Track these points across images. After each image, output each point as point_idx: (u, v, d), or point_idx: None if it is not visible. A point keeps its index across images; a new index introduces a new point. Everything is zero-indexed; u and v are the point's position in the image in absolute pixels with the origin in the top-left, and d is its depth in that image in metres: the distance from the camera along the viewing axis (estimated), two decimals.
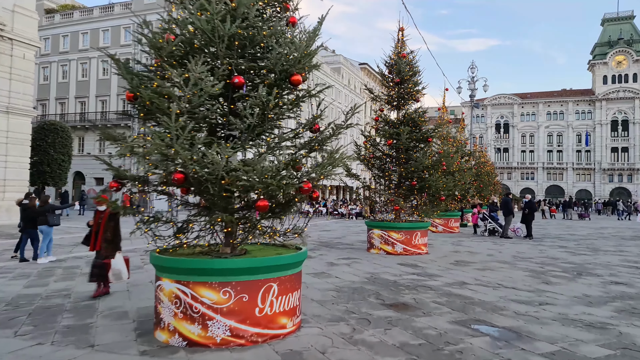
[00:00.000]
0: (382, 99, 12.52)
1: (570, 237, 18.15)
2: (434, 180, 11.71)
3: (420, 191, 11.94)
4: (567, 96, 79.07)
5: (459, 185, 18.52)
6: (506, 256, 11.78)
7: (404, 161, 11.99)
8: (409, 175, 11.81)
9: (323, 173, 4.54)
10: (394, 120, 12.21)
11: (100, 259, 6.28)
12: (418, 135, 11.94)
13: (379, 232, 11.92)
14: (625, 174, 74.16)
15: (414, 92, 12.21)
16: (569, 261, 11.00)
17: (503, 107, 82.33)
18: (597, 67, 76.22)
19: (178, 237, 4.66)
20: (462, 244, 14.74)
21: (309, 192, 4.40)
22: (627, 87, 73.69)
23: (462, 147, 22.57)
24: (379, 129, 12.28)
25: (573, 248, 13.95)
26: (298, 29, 4.87)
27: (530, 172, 79.72)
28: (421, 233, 11.87)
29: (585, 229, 23.27)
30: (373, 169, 12.59)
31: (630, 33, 74.70)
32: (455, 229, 19.59)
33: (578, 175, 77.56)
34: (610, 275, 9.03)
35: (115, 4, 40.75)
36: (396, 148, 12.09)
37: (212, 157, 3.81)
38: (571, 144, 77.57)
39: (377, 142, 12.53)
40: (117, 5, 40.38)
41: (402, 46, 12.34)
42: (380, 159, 12.50)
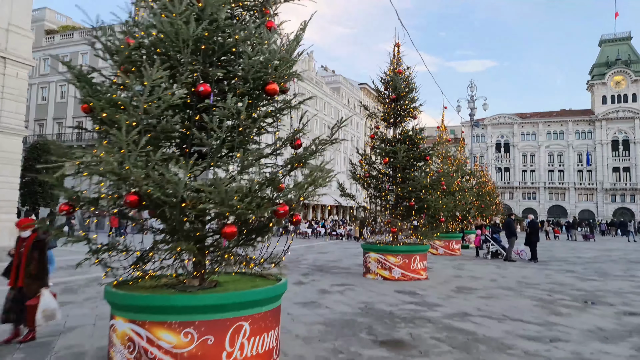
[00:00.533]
0: (378, 116, 12.05)
1: (577, 260, 17.44)
2: (432, 200, 11.13)
3: (418, 212, 11.35)
4: (566, 116, 79.05)
5: (460, 206, 17.93)
6: (511, 282, 11.10)
7: (401, 180, 11.44)
8: (406, 195, 11.25)
9: (302, 194, 3.99)
10: (390, 138, 11.70)
11: (20, 297, 5.27)
12: (415, 154, 11.42)
13: (375, 256, 11.27)
14: (628, 194, 73.43)
15: (411, 109, 11.74)
16: (578, 287, 10.32)
17: (503, 127, 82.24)
18: (595, 87, 76.39)
19: (138, 267, 4.07)
20: (464, 268, 14.06)
21: (286, 215, 3.84)
22: (627, 107, 73.66)
23: (463, 166, 22.06)
24: (375, 146, 11.77)
25: (581, 272, 13.26)
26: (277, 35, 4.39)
27: (532, 192, 79.04)
28: (420, 257, 11.23)
29: (591, 250, 22.53)
30: (369, 189, 12.03)
31: (628, 54, 75.12)
32: (457, 251, 18.90)
33: (580, 195, 76.84)
34: (623, 305, 8.36)
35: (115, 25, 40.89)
36: (393, 167, 11.55)
37: (170, 176, 3.25)
38: (572, 163, 77.13)
39: (373, 161, 12.00)
40: (117, 26, 40.51)
41: (398, 62, 11.95)
42: (377, 178, 11.95)
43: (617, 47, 75.73)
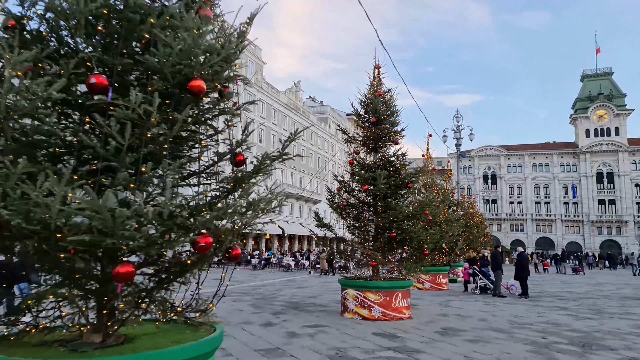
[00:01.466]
0: (357, 141, 11.32)
1: (569, 295, 16.56)
2: (416, 231, 10.27)
3: (400, 244, 10.46)
4: (551, 149, 79.97)
5: (447, 237, 17.10)
6: (501, 321, 10.14)
7: (381, 210, 10.59)
8: (387, 225, 10.38)
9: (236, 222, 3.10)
10: (370, 164, 10.93)
11: None
12: (397, 180, 10.62)
13: (353, 293, 10.27)
14: (614, 227, 73.56)
15: (392, 133, 11.03)
16: (573, 328, 9.40)
17: (490, 159, 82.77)
18: (579, 120, 77.74)
19: (12, 320, 3.08)
20: (450, 305, 13.07)
21: (208, 249, 2.94)
22: (610, 140, 74.83)
23: (449, 196, 21.37)
24: (354, 173, 10.96)
25: (574, 310, 12.36)
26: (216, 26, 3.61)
27: (520, 224, 78.81)
28: (402, 294, 10.25)
29: (582, 285, 21.70)
30: (348, 218, 11.15)
31: (610, 88, 76.98)
32: (444, 285, 17.91)
33: (567, 227, 76.81)
34: (625, 349, 7.46)
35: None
36: (373, 194, 10.73)
37: (37, 196, 2.35)
38: (558, 195, 77.42)
39: (352, 188, 11.18)
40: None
41: (378, 84, 11.33)
42: (356, 207, 11.10)
43: (599, 82, 77.63)
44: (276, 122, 48.41)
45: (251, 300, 13.30)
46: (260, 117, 45.17)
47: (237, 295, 14.79)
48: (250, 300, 13.45)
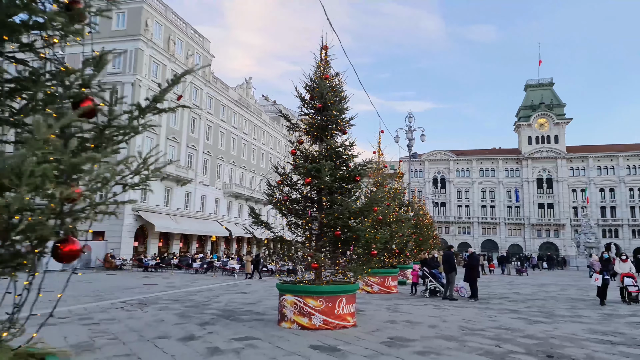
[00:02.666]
0: (300, 129, 10.17)
1: (517, 296, 16.25)
2: (363, 229, 9.25)
3: (346, 243, 9.40)
4: (496, 154, 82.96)
5: (397, 238, 16.33)
6: (452, 327, 9.32)
7: (326, 205, 9.49)
8: (332, 223, 9.28)
9: None
10: (314, 155, 9.81)
11: None
12: (343, 173, 9.57)
13: (292, 299, 9.08)
14: (552, 230, 77.25)
15: (340, 121, 9.98)
16: (528, 334, 8.72)
17: (439, 163, 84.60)
18: (522, 128, 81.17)
19: None
20: (399, 309, 12.19)
21: None
22: (550, 148, 78.63)
23: (400, 196, 20.73)
24: (297, 165, 9.79)
25: (525, 312, 11.84)
26: None
27: (467, 227, 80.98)
28: (347, 299, 9.18)
29: (528, 286, 21.75)
30: (289, 216, 9.95)
31: (551, 98, 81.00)
32: (393, 288, 17.12)
33: (510, 230, 79.80)
34: (587, 358, 6.76)
35: None
36: (317, 189, 9.61)
37: None
38: (502, 199, 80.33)
39: (294, 182, 10.00)
40: None
41: (325, 67, 10.24)
42: (298, 202, 9.93)
43: (541, 92, 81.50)
44: (225, 118, 46.44)
45: (180, 309, 11.78)
46: (208, 112, 43.09)
47: (166, 302, 13.20)
48: (179, 308, 11.93)
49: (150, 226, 33.28)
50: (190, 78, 39.41)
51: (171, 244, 37.75)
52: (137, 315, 10.72)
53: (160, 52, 36.04)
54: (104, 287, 17.90)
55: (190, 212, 39.73)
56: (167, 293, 16.23)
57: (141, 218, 32.79)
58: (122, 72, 33.67)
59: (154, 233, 34.50)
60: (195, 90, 41.45)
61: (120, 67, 33.95)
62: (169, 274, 27.70)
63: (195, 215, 39.92)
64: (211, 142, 43.56)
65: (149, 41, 34.40)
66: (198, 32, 42.03)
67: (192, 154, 40.69)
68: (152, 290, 17.32)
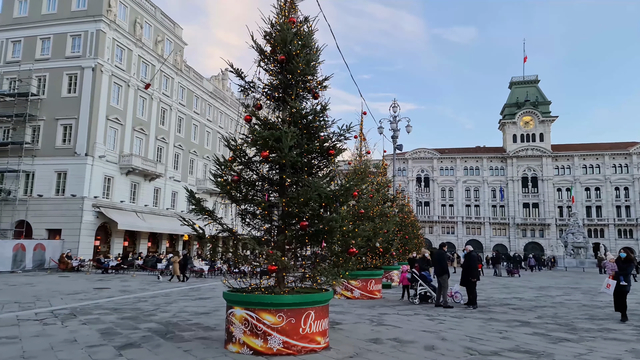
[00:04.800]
0: (257, 90, 7.74)
1: (520, 303, 14.09)
2: (337, 220, 6.87)
3: (315, 238, 7.01)
4: (481, 153, 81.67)
5: (381, 234, 14.02)
6: (456, 349, 7.03)
7: (291, 187, 7.09)
8: (296, 210, 6.87)
9: None
10: (274, 121, 7.39)
11: None
12: (313, 145, 7.18)
13: (242, 313, 6.65)
14: (537, 229, 76.22)
15: (308, 78, 7.58)
16: (557, 359, 6.47)
17: (423, 162, 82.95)
18: (507, 126, 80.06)
19: None
20: (385, 321, 9.86)
21: None
22: (535, 146, 77.65)
23: (384, 189, 18.45)
24: (252, 135, 7.34)
25: (540, 325, 9.63)
26: None
27: (451, 226, 79.46)
28: (317, 312, 6.80)
29: (526, 289, 19.70)
30: (241, 202, 7.51)
31: (536, 95, 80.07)
32: (377, 293, 14.78)
33: (495, 229, 78.53)
34: None
35: None
36: (278, 165, 7.19)
37: None
38: (487, 198, 79.05)
39: (248, 158, 7.57)
40: None
41: (290, 8, 7.83)
42: (253, 184, 7.51)
43: (526, 89, 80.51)
44: (199, 110, 43.59)
45: (110, 323, 9.30)
46: (180, 103, 40.22)
47: (101, 313, 10.70)
48: (110, 321, 9.44)
49: (113, 224, 30.35)
50: (159, 65, 36.54)
51: (138, 243, 34.81)
52: (49, 332, 8.27)
53: (125, 36, 33.11)
54: (43, 292, 15.31)
55: (160, 209, 36.84)
56: (114, 299, 13.69)
57: (103, 215, 29.85)
58: (81, 56, 30.68)
59: (117, 231, 31.55)
60: (165, 80, 38.57)
61: (79, 50, 30.94)
62: (130, 276, 24.92)
63: (165, 212, 37.03)
64: (183, 135, 40.69)
65: (112, 22, 31.47)
66: (169, 17, 39.13)
67: (162, 147, 37.78)
68: (99, 295, 14.77)
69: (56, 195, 29.52)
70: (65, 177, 29.58)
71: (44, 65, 31.23)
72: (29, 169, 29.81)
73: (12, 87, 31.32)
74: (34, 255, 26.10)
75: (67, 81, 30.82)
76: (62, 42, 31.30)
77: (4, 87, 31.46)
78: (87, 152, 29.41)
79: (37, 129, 30.74)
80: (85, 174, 29.15)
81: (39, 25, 31.95)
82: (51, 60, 31.29)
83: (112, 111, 31.59)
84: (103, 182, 30.84)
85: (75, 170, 29.24)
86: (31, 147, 30.13)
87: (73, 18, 31.32)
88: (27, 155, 29.83)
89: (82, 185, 28.96)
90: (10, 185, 29.52)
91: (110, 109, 31.49)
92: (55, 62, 31.13)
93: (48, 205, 29.09)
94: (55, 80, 30.89)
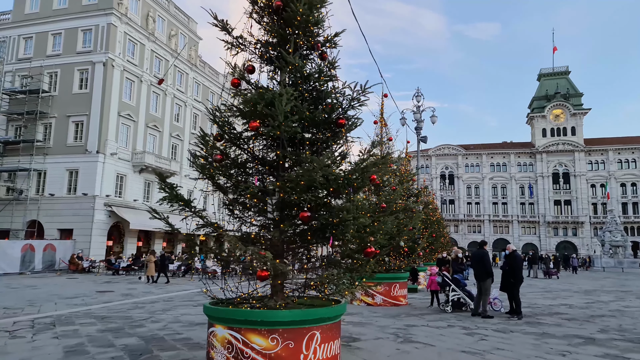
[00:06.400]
0: (248, 47, 6.10)
1: (571, 311, 12.05)
2: (351, 210, 5.17)
3: (320, 234, 5.32)
4: (508, 148, 78.35)
5: (405, 231, 12.23)
6: None
7: (288, 167, 5.43)
8: (294, 198, 5.20)
9: None
10: (266, 87, 5.74)
11: None
12: (318, 114, 5.49)
13: (224, 334, 5.03)
14: (570, 228, 72.50)
15: (313, 32, 5.90)
16: None
17: (447, 158, 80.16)
18: (535, 120, 76.50)
19: None
20: (413, 337, 8.09)
21: None
22: (566, 140, 73.93)
23: (409, 181, 16.61)
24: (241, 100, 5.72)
25: (607, 342, 7.69)
26: None
27: (477, 225, 76.47)
28: (324, 333, 5.11)
29: (571, 293, 17.53)
30: (229, 189, 5.90)
31: (567, 87, 76.22)
32: (402, 299, 12.96)
33: (523, 228, 75.17)
34: None
35: None
36: (271, 139, 5.54)
37: None
38: (515, 196, 75.73)
39: (236, 133, 5.95)
40: None
41: None
42: (243, 165, 5.88)
43: (556, 81, 76.73)
44: None
45: (88, 334, 7.95)
46: (195, 99, 39.13)
47: (87, 321, 9.47)
48: (89, 333, 8.09)
49: (126, 223, 29.38)
50: (173, 59, 35.50)
51: (153, 243, 33.80)
52: (7, 349, 6.91)
53: (138, 30, 32.13)
54: (41, 296, 14.23)
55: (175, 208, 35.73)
56: (109, 305, 12.41)
57: (115, 214, 28.88)
58: (92, 51, 29.81)
59: (130, 231, 30.59)
60: (180, 75, 37.54)
61: (90, 45, 30.09)
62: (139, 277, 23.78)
63: None
64: (199, 132, 39.58)
65: (124, 16, 30.51)
66: (183, 10, 38.10)
67: (177, 145, 36.73)
68: (97, 300, 13.61)
69: (68, 194, 28.70)
70: (77, 176, 28.75)
71: (55, 62, 30.53)
72: (40, 167, 29.12)
73: (23, 84, 30.72)
74: (43, 256, 25.26)
75: (79, 77, 30.02)
76: (73, 37, 30.53)
77: (16, 84, 30.89)
78: (99, 150, 28.49)
79: (49, 126, 30.04)
80: (97, 172, 28.23)
81: (50, 20, 31.27)
82: (62, 56, 30.56)
83: (124, 107, 30.63)
84: (115, 181, 29.90)
85: (86, 168, 28.36)
86: (42, 145, 29.44)
87: (84, 12, 30.51)
88: (39, 153, 29.14)
89: (93, 184, 28.04)
90: (22, 185, 28.87)
91: (122, 105, 30.53)
92: (66, 58, 30.38)
93: (60, 205, 28.30)
94: (66, 76, 30.13)
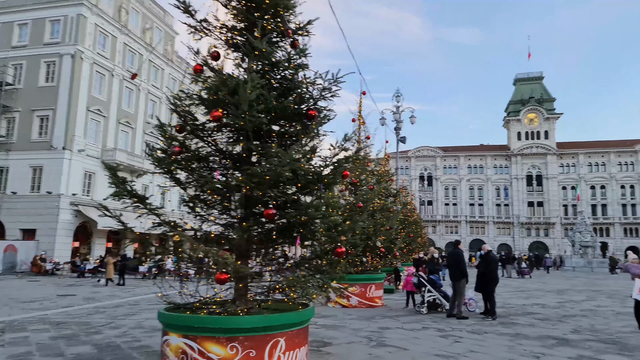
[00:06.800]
0: (213, 31, 5.67)
1: (544, 311, 12.00)
2: (319, 207, 4.80)
3: (284, 233, 4.94)
4: (485, 150, 79.49)
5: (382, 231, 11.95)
6: None
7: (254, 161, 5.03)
8: (259, 194, 4.80)
9: None
10: (229, 74, 5.32)
11: None
12: (286, 104, 5.10)
13: (178, 343, 4.58)
14: (542, 228, 74.03)
15: (284, 16, 5.51)
16: None
17: (426, 160, 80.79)
18: (511, 123, 77.87)
19: None
20: (387, 340, 7.78)
21: None
22: (539, 144, 75.48)
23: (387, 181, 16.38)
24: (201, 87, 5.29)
25: (580, 343, 7.54)
26: None
27: (455, 226, 77.29)
28: (289, 340, 4.73)
29: (543, 292, 17.62)
30: (188, 185, 5.46)
31: (541, 92, 77.90)
32: (377, 300, 12.68)
33: (499, 229, 76.33)
34: None
35: None
36: (235, 131, 5.13)
37: None
38: (491, 197, 76.86)
39: (198, 124, 5.51)
40: None
41: None
42: (205, 159, 5.44)
43: (531, 86, 78.29)
44: None
45: (38, 342, 7.39)
46: None
47: (40, 327, 8.87)
48: (40, 341, 7.52)
49: (94, 224, 28.28)
50: (147, 54, 34.49)
51: (123, 245, 32.71)
52: None
53: (109, 22, 31.04)
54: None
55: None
56: (69, 310, 11.75)
57: (82, 214, 27.75)
58: (60, 42, 28.62)
59: (98, 232, 29.49)
60: (155, 70, 36.52)
61: (58, 36, 28.89)
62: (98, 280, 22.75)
63: None
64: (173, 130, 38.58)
65: (94, 7, 29.41)
66: (158, 3, 37.09)
67: (151, 142, 35.70)
68: (57, 304, 12.88)
69: (31, 192, 27.42)
70: (41, 173, 27.49)
71: (20, 53, 29.20)
72: (2, 164, 27.75)
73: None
74: (4, 257, 24.06)
75: (45, 69, 28.75)
76: (41, 28, 29.26)
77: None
78: (65, 146, 27.33)
79: (12, 121, 28.67)
80: (63, 170, 27.06)
81: (16, 10, 29.91)
82: (29, 48, 29.25)
83: (93, 102, 29.52)
84: (83, 179, 28.75)
85: (51, 165, 27.15)
86: (5, 141, 28.08)
87: (52, 2, 29.27)
88: (1, 149, 27.78)
89: (59, 182, 26.87)
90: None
91: (92, 100, 29.42)
92: (32, 50, 29.09)
93: (22, 204, 27.01)
94: (32, 68, 28.84)
